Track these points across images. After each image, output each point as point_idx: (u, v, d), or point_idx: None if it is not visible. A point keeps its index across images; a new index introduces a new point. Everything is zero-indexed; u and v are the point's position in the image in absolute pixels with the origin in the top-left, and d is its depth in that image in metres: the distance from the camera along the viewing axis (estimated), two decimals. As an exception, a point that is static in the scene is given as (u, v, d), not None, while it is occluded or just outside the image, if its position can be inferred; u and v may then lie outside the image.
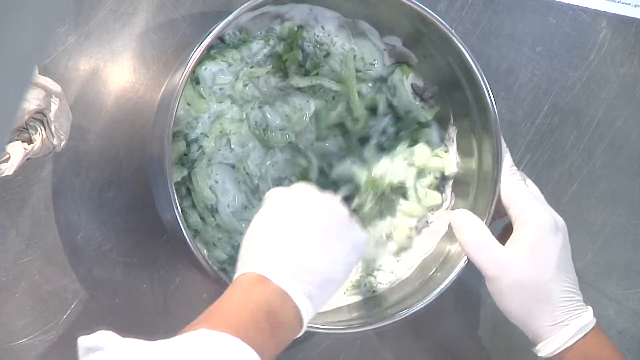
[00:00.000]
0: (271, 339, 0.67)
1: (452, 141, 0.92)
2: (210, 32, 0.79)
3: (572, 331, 0.81)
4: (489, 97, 0.85)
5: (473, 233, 0.83)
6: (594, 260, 1.02)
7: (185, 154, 0.86)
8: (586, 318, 0.82)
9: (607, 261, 1.02)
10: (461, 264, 0.85)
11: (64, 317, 0.86)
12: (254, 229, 0.73)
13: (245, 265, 0.70)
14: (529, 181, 0.87)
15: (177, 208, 0.78)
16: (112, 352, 0.63)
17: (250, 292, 0.68)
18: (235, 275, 0.71)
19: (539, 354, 0.83)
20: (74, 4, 0.87)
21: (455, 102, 0.90)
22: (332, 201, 0.75)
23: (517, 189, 0.84)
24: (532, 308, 0.81)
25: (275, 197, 0.75)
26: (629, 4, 1.03)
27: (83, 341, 0.64)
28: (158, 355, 0.63)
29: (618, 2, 1.02)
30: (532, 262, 0.81)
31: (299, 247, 0.71)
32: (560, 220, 0.84)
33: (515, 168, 0.86)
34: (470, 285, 0.97)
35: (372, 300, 0.90)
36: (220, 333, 0.64)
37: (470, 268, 0.85)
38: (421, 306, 0.85)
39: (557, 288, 0.81)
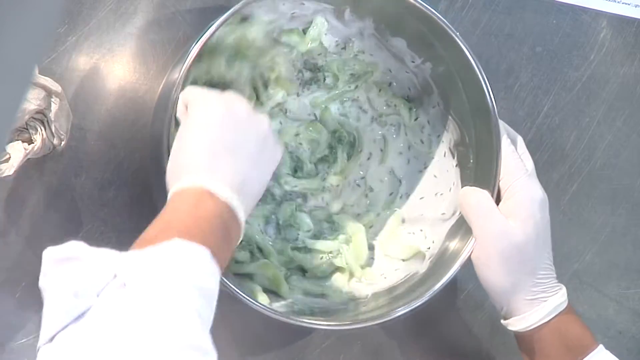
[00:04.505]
0: (227, 250, 0.69)
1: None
2: (210, 27, 0.79)
3: (549, 307, 0.82)
4: (490, 98, 0.86)
5: (476, 198, 0.84)
6: (594, 260, 1.02)
7: None
8: (562, 296, 0.83)
9: (607, 261, 1.02)
10: (460, 260, 0.85)
11: (64, 317, 0.86)
12: (186, 141, 0.72)
13: (183, 177, 0.70)
14: (525, 154, 0.87)
15: None
16: (90, 262, 0.62)
17: (201, 205, 0.68)
18: (173, 187, 0.70)
19: (510, 328, 0.84)
20: (74, 4, 0.87)
21: (455, 104, 0.91)
22: (259, 114, 0.76)
23: (511, 160, 0.85)
24: (516, 280, 0.82)
25: (199, 104, 0.74)
26: (629, 4, 1.03)
27: (51, 252, 0.62)
28: (138, 265, 0.62)
29: (618, 2, 1.02)
30: (525, 234, 0.82)
31: (235, 161, 0.71)
32: (546, 198, 0.85)
33: (509, 141, 0.86)
34: (470, 286, 0.97)
35: (372, 297, 0.90)
36: (193, 244, 0.64)
37: (470, 268, 0.85)
38: (423, 300, 0.85)
39: (540, 263, 0.83)
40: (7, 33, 0.40)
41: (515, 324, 0.84)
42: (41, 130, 0.80)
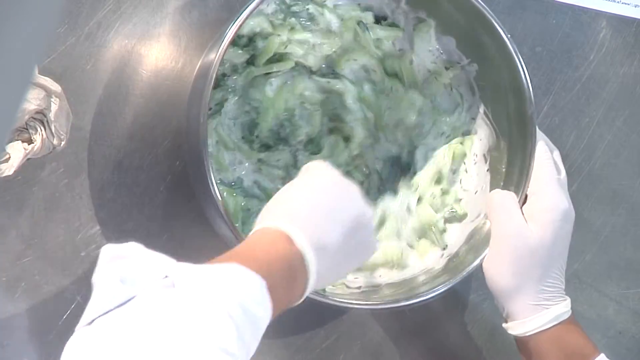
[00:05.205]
0: (286, 294, 0.67)
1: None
2: (247, 7, 0.79)
3: (551, 315, 0.83)
4: (531, 102, 0.87)
5: (501, 197, 0.86)
6: (594, 260, 1.02)
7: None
8: (565, 306, 0.84)
9: (607, 261, 1.02)
10: (478, 261, 0.85)
11: (64, 317, 0.86)
12: (288, 190, 0.74)
13: (270, 218, 0.71)
14: (560, 165, 0.88)
15: (214, 186, 0.79)
16: (144, 260, 0.62)
17: (277, 245, 0.68)
18: (258, 224, 0.71)
19: (511, 332, 0.85)
20: (74, 4, 0.87)
21: (495, 108, 0.91)
22: (368, 206, 0.76)
23: (544, 166, 0.86)
24: (522, 282, 0.83)
25: (318, 168, 0.76)
26: (629, 4, 1.03)
27: (109, 249, 0.63)
28: (190, 273, 0.62)
29: (618, 2, 1.02)
30: (540, 239, 0.83)
31: (325, 225, 0.71)
32: (573, 212, 0.86)
33: (547, 148, 0.87)
34: (470, 287, 0.97)
35: (385, 287, 0.90)
36: (251, 272, 0.63)
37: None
38: (447, 287, 0.85)
39: (550, 272, 0.83)
40: (7, 33, 0.40)
41: (515, 328, 0.84)
42: (41, 130, 0.81)
